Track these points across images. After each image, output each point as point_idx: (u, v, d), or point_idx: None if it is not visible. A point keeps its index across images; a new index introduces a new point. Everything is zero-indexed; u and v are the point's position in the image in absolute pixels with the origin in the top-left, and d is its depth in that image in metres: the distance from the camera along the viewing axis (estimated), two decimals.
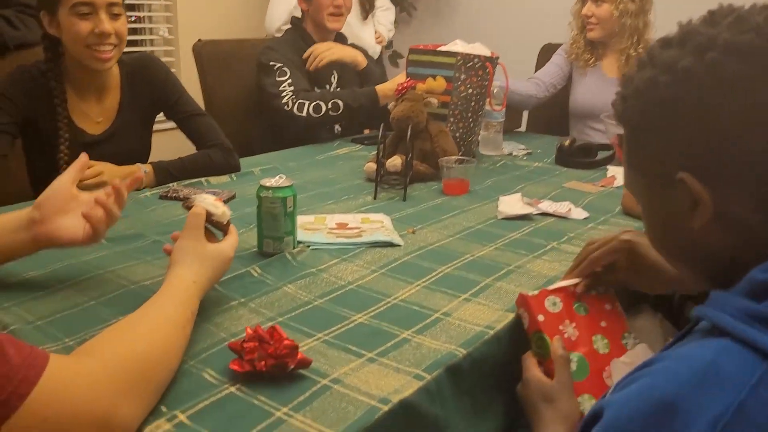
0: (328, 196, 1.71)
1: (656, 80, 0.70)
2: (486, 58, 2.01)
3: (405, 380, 0.89)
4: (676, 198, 0.70)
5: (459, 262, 1.29)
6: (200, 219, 1.04)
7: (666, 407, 0.59)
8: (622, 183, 1.86)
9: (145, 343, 0.82)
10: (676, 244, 0.76)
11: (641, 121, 0.73)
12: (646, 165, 0.75)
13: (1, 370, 0.66)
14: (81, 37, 1.65)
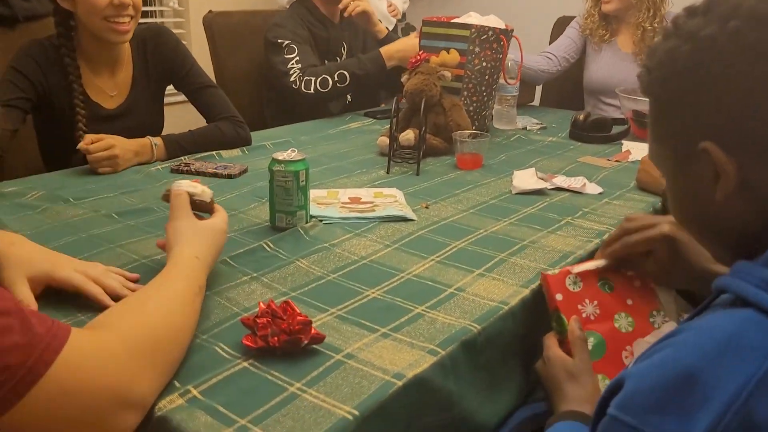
0: (340, 170, 1.69)
1: (679, 49, 0.69)
2: (500, 30, 1.98)
3: (419, 355, 0.88)
4: (700, 169, 0.70)
5: (473, 237, 1.28)
6: (183, 198, 1.04)
7: (688, 378, 0.58)
8: (637, 158, 1.84)
9: (158, 318, 0.82)
10: (699, 217, 0.76)
11: (664, 91, 0.72)
12: (670, 136, 0.74)
13: (26, 339, 0.66)
14: (99, 9, 1.64)
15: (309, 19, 2.43)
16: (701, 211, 0.74)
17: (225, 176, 1.62)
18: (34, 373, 0.65)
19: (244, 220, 1.34)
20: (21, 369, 0.64)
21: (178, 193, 1.04)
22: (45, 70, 1.70)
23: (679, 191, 0.77)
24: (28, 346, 0.66)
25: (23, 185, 1.52)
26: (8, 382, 0.64)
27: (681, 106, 0.70)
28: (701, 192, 0.71)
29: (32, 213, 1.35)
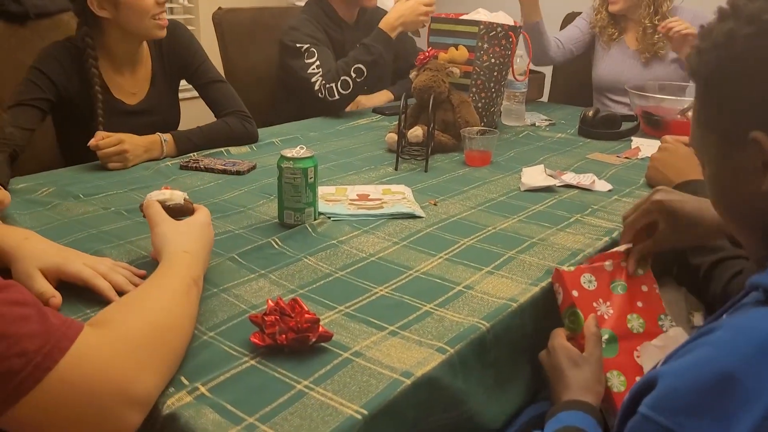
0: (349, 167, 1.69)
1: (737, 32, 0.67)
2: (509, 27, 1.97)
3: (428, 353, 0.88)
4: (747, 158, 0.68)
5: (481, 235, 1.27)
6: (155, 207, 1.05)
7: (726, 380, 0.57)
8: (646, 154, 1.83)
9: (156, 313, 0.83)
10: (740, 206, 0.74)
11: (717, 74, 0.70)
12: (717, 122, 0.72)
13: (43, 327, 0.68)
14: (148, 9, 1.69)
15: (324, 21, 2.40)
16: (743, 200, 0.72)
17: (234, 173, 1.62)
18: (50, 360, 0.67)
19: (252, 217, 1.34)
20: (38, 355, 0.66)
21: (148, 203, 1.06)
22: (68, 70, 1.72)
23: (721, 179, 0.75)
24: (45, 333, 0.67)
25: (34, 181, 1.52)
26: (26, 368, 0.65)
27: (733, 91, 0.69)
28: (746, 181, 0.69)
29: (42, 209, 1.36)
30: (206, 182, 1.55)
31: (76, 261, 0.99)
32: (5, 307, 0.66)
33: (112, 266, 1.02)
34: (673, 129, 1.93)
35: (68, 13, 2.01)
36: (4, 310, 0.65)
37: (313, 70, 2.22)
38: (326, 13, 2.41)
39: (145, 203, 1.07)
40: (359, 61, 2.20)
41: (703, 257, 1.19)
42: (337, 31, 2.41)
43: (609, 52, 2.59)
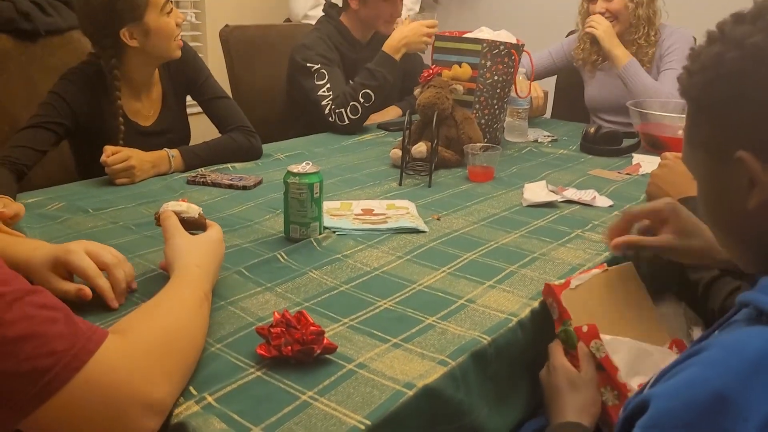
0: (353, 182, 1.72)
1: (723, 55, 0.69)
2: (512, 45, 2.00)
3: (429, 366, 0.90)
4: (733, 176, 0.70)
5: (484, 249, 1.30)
6: (172, 219, 1.07)
7: (719, 400, 0.57)
8: (647, 171, 1.85)
9: (172, 324, 0.85)
10: (729, 223, 0.76)
11: (704, 95, 0.72)
12: (705, 141, 0.74)
13: (71, 329, 0.70)
14: (172, 33, 1.77)
15: (337, 39, 2.41)
16: (732, 217, 0.74)
17: (240, 188, 1.65)
18: (78, 361, 0.69)
19: (258, 231, 1.36)
20: (66, 355, 0.68)
21: (166, 215, 1.08)
22: (87, 96, 1.75)
23: (710, 196, 0.77)
24: (73, 336, 0.70)
25: (44, 196, 1.55)
26: (54, 367, 0.67)
27: (720, 112, 0.71)
28: (733, 199, 0.71)
29: (52, 223, 1.38)
30: (213, 197, 1.58)
31: (78, 251, 1.01)
32: (35, 309, 0.68)
33: (115, 260, 1.04)
34: (673, 146, 1.95)
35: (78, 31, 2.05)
36: (34, 312, 0.68)
37: (323, 93, 2.24)
38: (339, 32, 2.43)
39: (162, 213, 1.09)
40: (366, 86, 2.21)
41: (701, 273, 1.21)
42: (350, 49, 2.44)
43: (594, 78, 2.63)
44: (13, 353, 0.65)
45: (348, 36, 2.44)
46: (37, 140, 1.66)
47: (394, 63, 2.26)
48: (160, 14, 1.73)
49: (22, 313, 0.67)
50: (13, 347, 0.65)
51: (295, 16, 3.22)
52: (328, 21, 2.45)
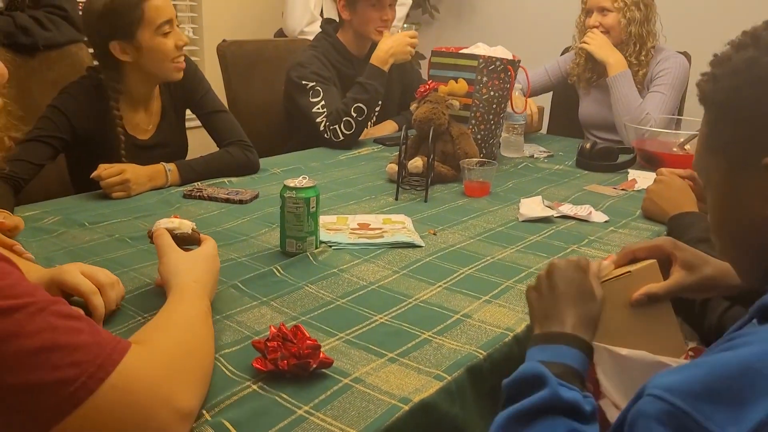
0: (350, 197, 1.72)
1: (758, 60, 0.69)
2: (507, 61, 2.01)
3: (425, 380, 0.90)
4: (756, 183, 0.69)
5: (480, 264, 1.30)
6: (165, 237, 1.07)
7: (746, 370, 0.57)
8: (642, 186, 1.86)
9: (186, 335, 0.85)
10: (740, 232, 0.75)
11: (734, 99, 0.72)
12: (727, 147, 0.74)
13: (95, 339, 0.70)
14: (168, 54, 1.76)
15: (334, 56, 2.44)
16: (748, 226, 0.74)
17: (237, 202, 1.65)
18: (102, 371, 0.68)
19: (254, 245, 1.36)
20: (91, 366, 0.68)
21: (159, 233, 1.08)
22: (86, 110, 1.76)
23: (726, 203, 0.76)
24: (97, 346, 0.70)
25: (41, 209, 1.55)
26: (80, 377, 0.67)
27: (749, 116, 0.70)
28: (753, 207, 0.71)
29: (48, 237, 1.38)
30: (210, 211, 1.58)
31: (73, 271, 1.01)
32: (59, 320, 0.68)
33: (109, 280, 1.04)
34: (668, 162, 1.96)
35: (77, 45, 2.07)
36: (58, 323, 0.68)
37: (318, 110, 2.26)
38: (336, 49, 2.45)
39: (154, 231, 1.09)
40: (358, 100, 2.24)
41: None
42: (348, 66, 2.45)
43: (590, 94, 2.65)
44: (38, 364, 0.65)
45: (345, 52, 2.46)
46: (35, 154, 1.66)
47: (383, 74, 2.29)
48: (155, 34, 1.72)
49: (45, 324, 0.66)
50: (38, 358, 0.65)
51: (291, 32, 3.23)
52: (325, 38, 2.48)
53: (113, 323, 1.01)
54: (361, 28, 2.42)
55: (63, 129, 1.72)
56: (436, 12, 4.24)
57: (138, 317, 1.04)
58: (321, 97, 2.27)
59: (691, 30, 2.85)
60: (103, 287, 1.01)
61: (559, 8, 3.84)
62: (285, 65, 2.42)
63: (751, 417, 0.55)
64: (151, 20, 1.71)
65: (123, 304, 1.07)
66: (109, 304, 1.01)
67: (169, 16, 1.74)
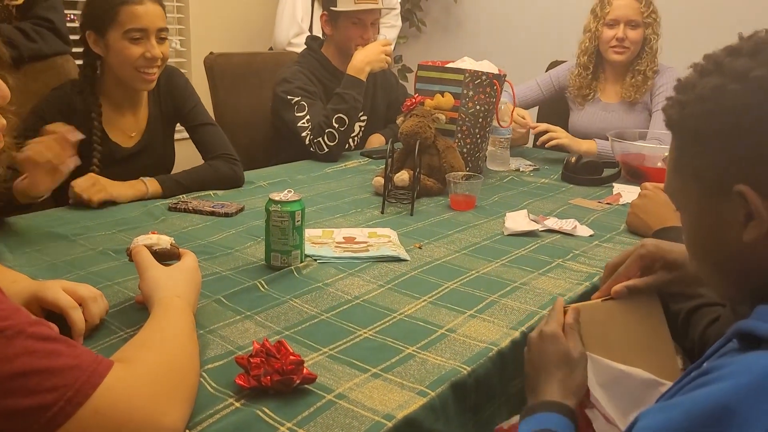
0: (335, 210, 1.72)
1: (725, 88, 0.69)
2: (493, 75, 2.03)
3: (409, 396, 0.89)
4: (729, 209, 0.70)
5: (465, 278, 1.30)
6: (144, 253, 1.06)
7: (724, 411, 0.58)
8: (627, 200, 1.87)
9: (171, 351, 0.85)
10: (718, 256, 0.75)
11: (703, 127, 0.72)
12: (700, 173, 0.73)
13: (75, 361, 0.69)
14: (131, 61, 1.74)
15: (320, 71, 2.45)
16: (723, 250, 0.74)
17: (222, 215, 1.64)
18: (81, 395, 0.68)
19: (239, 259, 1.36)
20: (70, 390, 0.67)
21: (137, 250, 1.07)
22: (67, 115, 1.75)
23: (700, 229, 0.76)
24: (77, 368, 0.69)
25: (23, 222, 1.54)
26: (58, 402, 0.66)
27: (719, 144, 0.70)
28: (727, 232, 0.71)
29: (30, 250, 1.37)
30: (195, 224, 1.58)
31: (54, 287, 1.00)
32: (37, 343, 0.67)
33: (93, 296, 1.03)
34: (653, 176, 1.98)
35: (63, 57, 2.06)
36: (36, 346, 0.67)
37: (303, 124, 2.27)
38: (321, 64, 2.47)
39: (132, 248, 1.09)
40: (338, 111, 2.25)
41: (681, 304, 1.21)
42: (333, 80, 2.45)
43: (583, 111, 2.66)
44: (15, 389, 0.64)
45: (329, 67, 2.47)
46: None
47: (360, 83, 2.31)
48: (122, 37, 1.72)
49: (22, 348, 0.66)
50: (14, 383, 0.64)
51: (279, 44, 3.24)
52: (310, 54, 2.49)
53: (96, 338, 1.01)
54: (342, 44, 2.44)
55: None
56: (423, 26, 4.27)
57: (121, 332, 1.03)
58: (306, 111, 2.28)
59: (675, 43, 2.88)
60: (84, 302, 1.00)
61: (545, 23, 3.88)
62: (273, 78, 2.42)
63: None
64: (123, 23, 1.72)
65: (106, 319, 1.06)
66: (92, 319, 1.00)
67: (143, 25, 1.73)
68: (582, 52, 2.59)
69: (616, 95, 2.57)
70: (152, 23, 1.74)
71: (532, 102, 2.74)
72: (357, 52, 2.35)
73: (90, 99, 1.79)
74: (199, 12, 3.69)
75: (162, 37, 1.78)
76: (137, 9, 1.72)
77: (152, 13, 1.75)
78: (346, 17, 2.38)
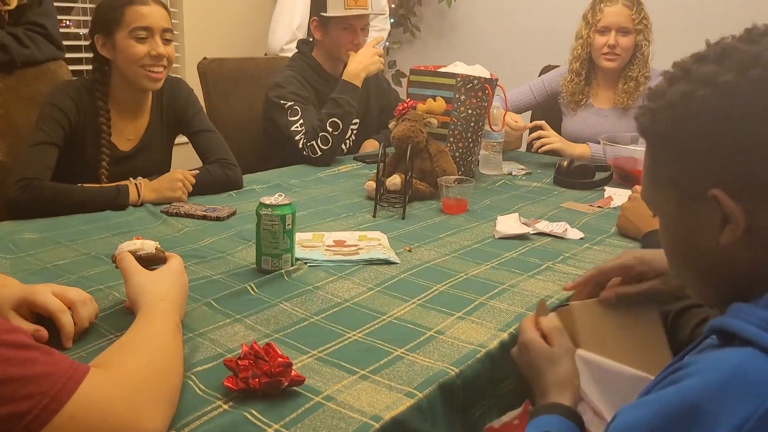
0: (327, 214, 1.73)
1: (694, 94, 0.70)
2: (485, 79, 2.04)
3: (397, 398, 0.90)
4: (705, 214, 0.70)
5: (454, 281, 1.31)
6: (128, 259, 1.06)
7: (690, 409, 0.59)
8: (618, 204, 1.88)
9: (153, 354, 0.85)
10: (697, 260, 0.76)
11: (675, 133, 0.73)
12: (675, 179, 0.74)
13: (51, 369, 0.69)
14: (137, 58, 1.79)
15: (311, 76, 2.46)
16: (700, 254, 0.74)
17: (214, 219, 1.65)
18: (57, 402, 0.68)
19: (230, 263, 1.36)
20: (45, 397, 0.67)
21: (122, 256, 1.07)
22: (79, 108, 1.81)
23: (676, 233, 0.77)
24: (52, 376, 0.69)
25: (17, 227, 1.54)
26: (33, 410, 0.66)
27: (691, 150, 0.71)
28: (703, 236, 0.72)
29: (23, 255, 1.37)
30: (187, 227, 1.58)
31: (43, 290, 1.01)
32: (11, 351, 0.67)
33: (82, 300, 1.03)
34: None
35: (56, 62, 2.06)
36: (11, 354, 0.67)
37: (296, 128, 2.28)
38: (312, 68, 2.47)
39: (117, 255, 1.09)
40: (332, 115, 2.26)
41: (669, 305, 1.22)
42: (324, 84, 2.46)
43: (575, 116, 2.66)
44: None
45: (321, 71, 2.48)
46: (50, 158, 1.72)
47: (355, 89, 2.32)
48: (128, 36, 1.78)
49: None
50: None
51: (272, 50, 3.26)
52: (301, 58, 2.50)
53: (85, 341, 1.01)
54: (332, 49, 2.45)
55: (64, 126, 1.77)
56: (418, 31, 4.28)
57: (110, 335, 1.03)
58: (299, 115, 2.29)
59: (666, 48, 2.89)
60: (74, 305, 1.01)
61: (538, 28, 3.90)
62: (266, 83, 2.43)
63: None
64: (128, 23, 1.77)
65: (96, 323, 1.06)
66: (81, 323, 1.01)
67: (148, 23, 1.78)
68: (574, 59, 2.60)
69: (609, 101, 2.59)
70: (156, 23, 1.80)
71: (525, 107, 2.75)
72: (351, 59, 2.36)
73: (100, 101, 1.83)
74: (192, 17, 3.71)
75: (167, 39, 1.83)
76: (142, 9, 1.78)
77: (156, 14, 1.81)
78: (336, 23, 2.39)
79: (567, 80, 2.63)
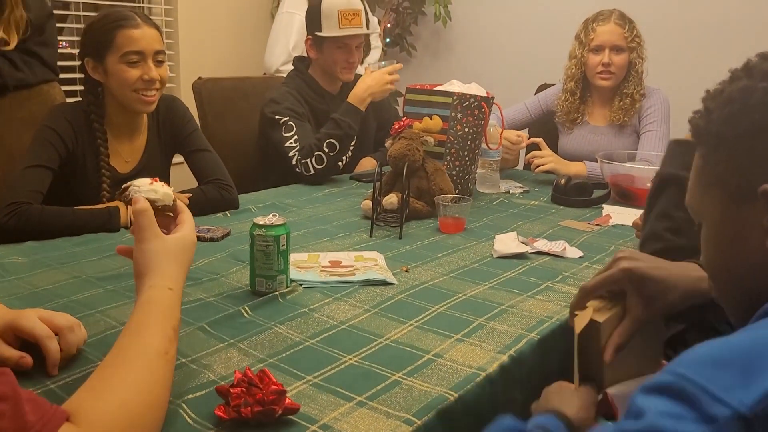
0: (323, 234, 1.71)
1: (754, 87, 0.70)
2: (482, 98, 2.02)
3: (395, 425, 0.87)
4: (754, 214, 0.69)
5: (452, 301, 1.28)
6: (149, 215, 0.96)
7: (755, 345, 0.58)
8: (617, 222, 1.86)
9: (131, 392, 0.78)
10: (740, 265, 0.74)
11: (728, 130, 0.72)
12: (724, 179, 0.73)
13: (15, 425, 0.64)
14: (130, 83, 1.76)
15: (307, 92, 2.44)
16: (745, 258, 0.73)
17: (207, 239, 1.61)
18: None
19: (224, 284, 1.34)
20: None
21: (142, 209, 0.96)
22: (76, 132, 1.79)
23: (722, 235, 0.76)
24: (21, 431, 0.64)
25: (6, 250, 1.51)
26: None
27: (746, 145, 0.70)
28: (751, 238, 0.70)
29: (13, 278, 1.35)
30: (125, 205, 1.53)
31: (30, 316, 0.97)
32: None
33: (70, 325, 0.99)
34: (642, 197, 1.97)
35: (49, 84, 2.04)
36: None
37: (291, 144, 2.26)
38: (308, 85, 2.46)
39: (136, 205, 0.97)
40: (331, 136, 2.24)
41: None
42: (320, 101, 2.46)
43: (571, 135, 2.66)
44: None
45: (317, 88, 2.47)
46: (42, 182, 1.69)
47: (358, 112, 2.30)
48: (119, 61, 1.74)
49: None
50: None
51: (268, 69, 3.27)
52: (297, 75, 2.49)
53: (73, 367, 0.98)
54: (327, 67, 2.44)
55: (60, 149, 1.75)
56: (414, 50, 4.29)
57: (98, 361, 0.99)
58: (294, 131, 2.27)
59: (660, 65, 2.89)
60: (61, 331, 0.98)
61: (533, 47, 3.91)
62: (261, 102, 2.41)
63: (763, 384, 0.54)
64: (120, 47, 1.74)
65: (84, 349, 1.03)
66: (68, 349, 0.98)
67: (140, 47, 1.75)
68: (568, 78, 2.60)
69: (605, 118, 2.58)
70: (149, 46, 1.76)
71: (521, 124, 2.75)
72: (361, 80, 2.33)
73: (96, 124, 1.81)
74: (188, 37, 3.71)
75: (159, 60, 1.79)
76: (133, 32, 1.74)
77: (148, 36, 1.76)
78: (331, 42, 2.38)
79: (562, 99, 2.63)
